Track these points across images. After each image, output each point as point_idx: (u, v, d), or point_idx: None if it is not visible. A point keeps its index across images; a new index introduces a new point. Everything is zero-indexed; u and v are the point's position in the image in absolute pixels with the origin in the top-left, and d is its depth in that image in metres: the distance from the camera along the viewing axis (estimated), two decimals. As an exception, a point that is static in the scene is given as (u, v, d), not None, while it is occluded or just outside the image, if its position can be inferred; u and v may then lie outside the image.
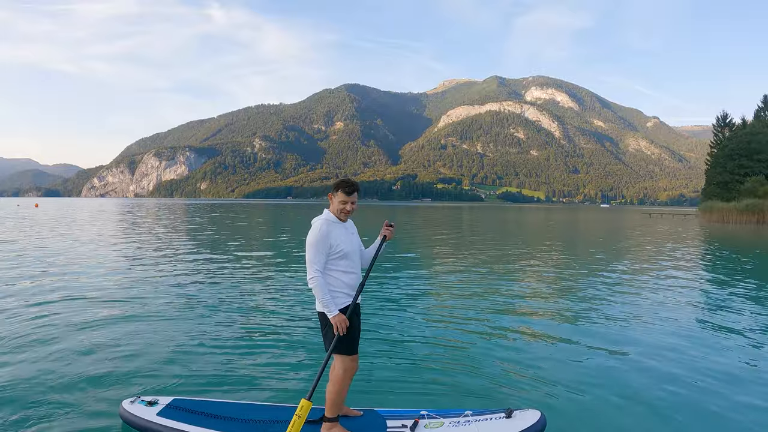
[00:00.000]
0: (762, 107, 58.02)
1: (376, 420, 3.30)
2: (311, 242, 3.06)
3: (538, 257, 14.33)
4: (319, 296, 3.03)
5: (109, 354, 4.94)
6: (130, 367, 4.58)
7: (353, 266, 3.19)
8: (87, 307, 6.99)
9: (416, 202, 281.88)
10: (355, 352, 3.16)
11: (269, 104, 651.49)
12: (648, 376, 4.41)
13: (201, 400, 3.65)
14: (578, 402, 3.82)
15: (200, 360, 4.79)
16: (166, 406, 3.51)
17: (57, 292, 8.01)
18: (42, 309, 6.82)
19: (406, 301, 7.66)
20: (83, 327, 5.91)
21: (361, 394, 3.89)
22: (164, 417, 3.35)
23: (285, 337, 5.59)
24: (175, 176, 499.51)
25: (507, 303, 7.66)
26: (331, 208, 3.22)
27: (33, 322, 6.12)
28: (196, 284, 8.90)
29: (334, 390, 3.09)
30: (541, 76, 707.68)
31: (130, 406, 3.51)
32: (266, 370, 4.53)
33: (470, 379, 4.28)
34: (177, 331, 5.76)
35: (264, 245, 17.46)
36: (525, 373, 4.45)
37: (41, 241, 16.92)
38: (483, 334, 5.74)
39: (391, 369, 4.56)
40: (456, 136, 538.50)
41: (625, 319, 6.59)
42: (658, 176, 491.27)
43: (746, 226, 36.30)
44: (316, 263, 3.04)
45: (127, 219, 35.77)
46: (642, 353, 5.07)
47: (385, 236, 3.32)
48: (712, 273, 12.11)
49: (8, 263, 11.29)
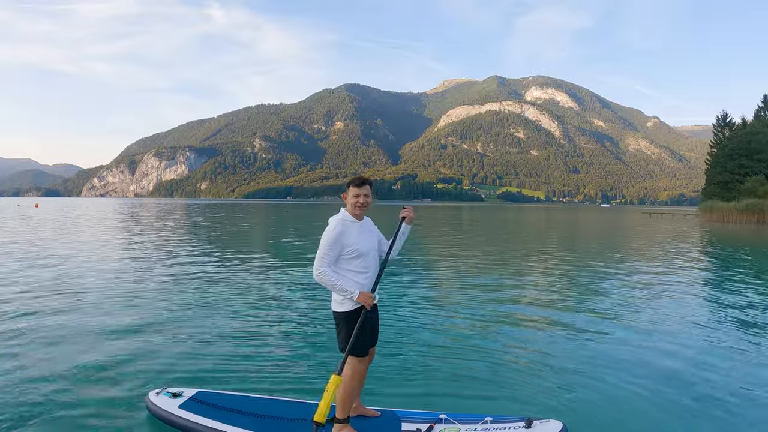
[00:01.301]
0: (762, 107, 58.11)
1: (392, 422, 3.27)
2: (324, 240, 3.08)
3: (555, 260, 14.08)
4: (332, 287, 3.04)
5: (140, 346, 5.10)
6: (161, 359, 4.70)
7: (368, 267, 3.17)
8: (115, 302, 7.28)
9: (416, 202, 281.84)
10: (365, 354, 3.15)
11: (269, 104, 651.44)
12: (679, 388, 4.16)
13: (225, 394, 3.65)
14: (603, 415, 3.63)
15: (228, 353, 4.91)
16: (189, 398, 3.53)
17: (85, 288, 8.32)
18: (70, 303, 7.14)
19: (426, 301, 7.63)
20: (112, 320, 6.14)
21: (378, 394, 3.85)
22: (185, 410, 3.37)
23: (313, 331, 5.73)
24: (175, 176, 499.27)
25: (531, 307, 7.41)
26: (347, 207, 3.23)
27: (60, 316, 6.36)
28: (224, 281, 9.17)
29: (344, 391, 3.07)
30: (541, 76, 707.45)
31: (156, 398, 3.55)
32: (291, 364, 4.61)
33: (491, 383, 4.18)
34: (204, 326, 5.92)
35: (284, 243, 17.76)
36: (548, 380, 4.26)
37: (56, 240, 17.09)
38: (504, 337, 5.64)
39: (412, 368, 4.52)
40: (456, 136, 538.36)
41: (652, 327, 6.26)
42: (658, 176, 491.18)
43: (746, 226, 36.43)
44: (325, 260, 3.05)
45: (133, 219, 35.92)
46: (673, 364, 4.79)
47: (404, 217, 3.33)
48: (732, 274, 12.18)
49: (29, 262, 11.51)
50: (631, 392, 4.04)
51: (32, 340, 5.30)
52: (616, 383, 4.24)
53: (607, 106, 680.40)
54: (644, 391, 4.07)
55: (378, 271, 3.22)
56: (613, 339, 5.63)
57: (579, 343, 5.43)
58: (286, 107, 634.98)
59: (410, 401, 3.73)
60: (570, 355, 4.96)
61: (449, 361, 4.72)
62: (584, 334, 5.84)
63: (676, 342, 5.54)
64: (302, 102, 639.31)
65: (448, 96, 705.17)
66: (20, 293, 7.85)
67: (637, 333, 5.93)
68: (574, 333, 5.87)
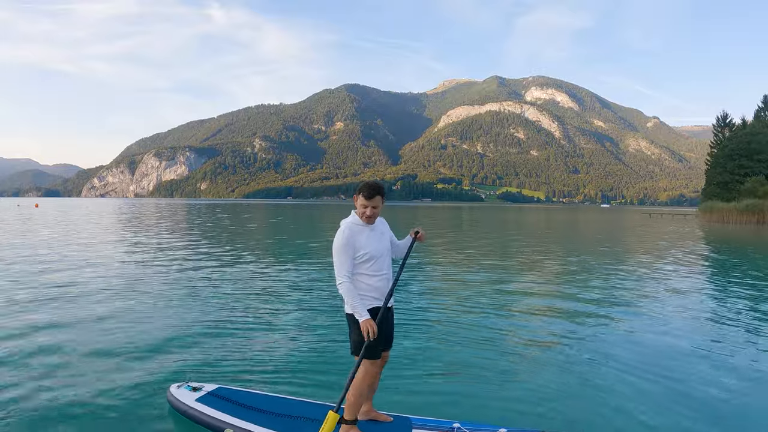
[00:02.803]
0: (762, 107, 58.14)
1: (404, 428, 3.22)
2: (336, 248, 3.06)
3: (568, 264, 13.47)
4: (348, 301, 3.01)
5: (168, 340, 5.30)
6: (186, 353, 4.87)
7: (380, 269, 3.13)
8: (139, 297, 7.60)
9: (416, 202, 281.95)
10: (377, 357, 3.10)
11: (269, 104, 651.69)
12: (700, 405, 3.97)
13: (243, 391, 3.69)
14: (618, 427, 3.50)
15: (254, 350, 5.01)
16: (207, 393, 3.58)
17: (114, 283, 8.75)
18: (96, 297, 7.56)
19: (442, 305, 7.50)
20: (137, 313, 6.52)
21: (393, 399, 3.81)
22: (202, 403, 3.41)
23: (337, 330, 5.77)
24: (175, 176, 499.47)
25: (548, 315, 7.02)
26: (357, 210, 3.19)
27: (89, 307, 6.83)
28: (257, 281, 9.30)
29: (353, 393, 3.05)
30: (541, 76, 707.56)
31: (176, 390, 3.62)
32: (312, 363, 4.67)
33: (507, 393, 4.06)
34: (228, 322, 6.14)
35: (301, 242, 17.99)
36: (567, 392, 4.10)
37: (67, 238, 17.10)
38: (522, 344, 5.48)
39: (427, 374, 4.46)
40: (456, 136, 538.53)
41: (678, 339, 5.85)
42: (658, 176, 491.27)
43: (746, 227, 36.44)
44: (343, 268, 3.03)
45: (140, 219, 35.94)
46: (699, 376, 4.58)
47: (417, 233, 3.35)
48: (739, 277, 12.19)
49: (49, 257, 11.79)
50: (657, 413, 3.78)
51: (79, 326, 5.69)
52: (633, 395, 4.08)
53: (607, 107, 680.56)
54: (658, 406, 3.87)
55: (393, 279, 3.20)
56: (644, 355, 5.24)
57: (598, 354, 5.18)
58: (286, 107, 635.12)
59: (424, 408, 3.65)
60: (590, 366, 4.76)
61: (465, 369, 4.61)
62: (603, 343, 5.57)
63: (720, 367, 4.88)
64: (302, 102, 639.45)
65: (448, 96, 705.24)
66: (55, 287, 8.22)
67: (664, 348, 5.46)
68: (593, 342, 5.61)
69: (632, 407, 3.80)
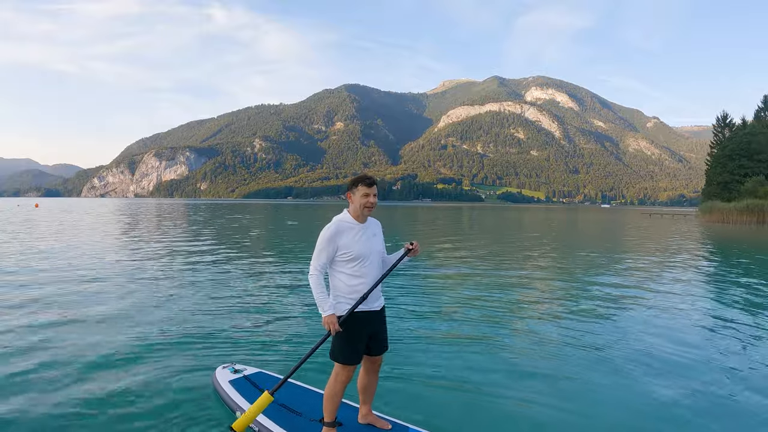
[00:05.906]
0: (762, 107, 58.22)
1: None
2: (319, 240, 2.97)
3: (569, 266, 13.06)
4: (314, 294, 2.91)
5: (226, 325, 5.81)
6: (242, 336, 5.28)
7: (363, 271, 2.97)
8: (181, 290, 8.07)
9: (416, 203, 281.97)
10: (354, 363, 2.96)
11: (269, 104, 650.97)
12: (700, 405, 3.90)
13: (279, 378, 3.70)
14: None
15: (297, 339, 5.35)
16: (243, 376, 3.62)
17: (163, 276, 9.53)
18: (143, 288, 8.16)
19: (444, 312, 7.07)
20: (183, 304, 7.00)
21: (398, 406, 3.70)
22: (232, 385, 3.48)
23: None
24: (176, 176, 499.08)
25: (554, 322, 6.53)
26: (352, 207, 3.06)
27: (131, 297, 7.40)
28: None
29: (327, 395, 3.00)
30: (541, 76, 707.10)
31: (220, 371, 3.73)
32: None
33: (508, 407, 3.87)
34: (281, 311, 6.64)
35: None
36: (570, 409, 3.85)
37: (91, 237, 17.14)
38: (528, 358, 5.07)
39: (426, 383, 4.28)
40: (456, 137, 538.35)
41: (678, 339, 5.77)
42: (658, 176, 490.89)
43: (746, 227, 36.47)
44: (317, 262, 2.95)
45: (149, 219, 35.96)
46: (719, 390, 4.25)
47: (409, 250, 3.13)
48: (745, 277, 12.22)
49: (79, 257, 12.07)
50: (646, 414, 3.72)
51: (117, 314, 6.35)
52: (633, 395, 4.08)
53: (607, 107, 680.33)
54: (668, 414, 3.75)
55: (375, 282, 3.02)
56: (632, 352, 5.21)
57: (611, 365, 4.89)
58: (286, 107, 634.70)
59: (423, 419, 3.50)
60: (595, 378, 4.52)
61: (468, 382, 4.34)
62: (610, 350, 5.35)
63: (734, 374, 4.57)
64: (302, 102, 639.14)
65: (448, 96, 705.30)
66: (94, 280, 8.86)
67: (675, 358, 5.10)
68: (599, 350, 5.34)
69: (632, 407, 3.81)
